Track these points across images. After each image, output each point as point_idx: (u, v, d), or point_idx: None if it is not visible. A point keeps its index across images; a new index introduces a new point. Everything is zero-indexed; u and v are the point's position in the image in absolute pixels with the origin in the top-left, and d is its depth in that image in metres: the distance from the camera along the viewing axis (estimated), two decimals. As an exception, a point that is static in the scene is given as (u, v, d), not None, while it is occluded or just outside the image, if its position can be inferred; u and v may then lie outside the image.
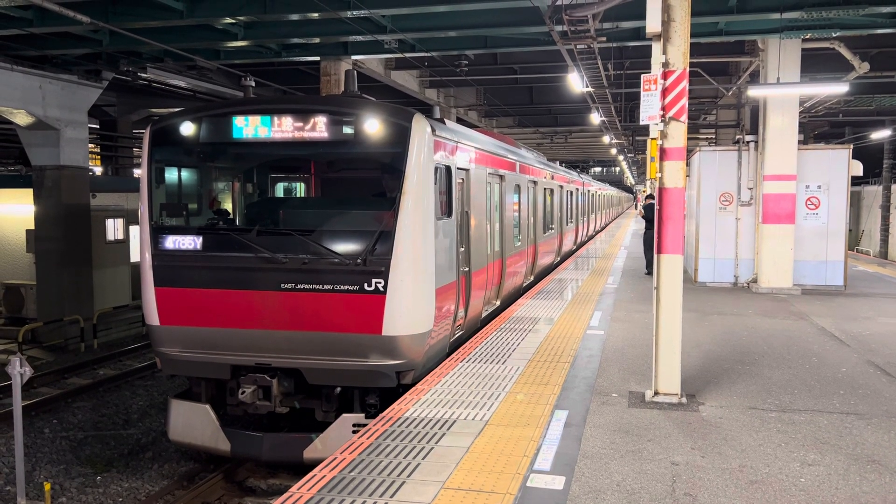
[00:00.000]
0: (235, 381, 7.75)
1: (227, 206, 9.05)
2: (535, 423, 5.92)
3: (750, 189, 14.32)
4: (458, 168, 8.81)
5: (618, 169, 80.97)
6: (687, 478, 4.89)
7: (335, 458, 5.14)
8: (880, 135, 27.73)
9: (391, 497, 4.51)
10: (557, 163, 23.90)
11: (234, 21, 12.78)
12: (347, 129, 7.57)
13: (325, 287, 7.32)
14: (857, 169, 14.19)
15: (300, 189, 10.03)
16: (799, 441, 5.61)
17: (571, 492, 4.65)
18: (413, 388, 6.93)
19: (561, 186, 19.84)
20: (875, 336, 9.62)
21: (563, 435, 5.67)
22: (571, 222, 22.76)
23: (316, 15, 12.02)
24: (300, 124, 7.56)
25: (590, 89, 15.99)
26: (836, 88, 13.69)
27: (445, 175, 8.33)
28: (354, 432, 6.99)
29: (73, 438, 10.60)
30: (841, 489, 4.73)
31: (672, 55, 6.38)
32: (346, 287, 7.27)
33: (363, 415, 7.49)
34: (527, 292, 13.37)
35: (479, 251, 9.87)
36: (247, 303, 7.56)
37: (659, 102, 6.37)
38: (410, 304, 7.34)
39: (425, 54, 15.39)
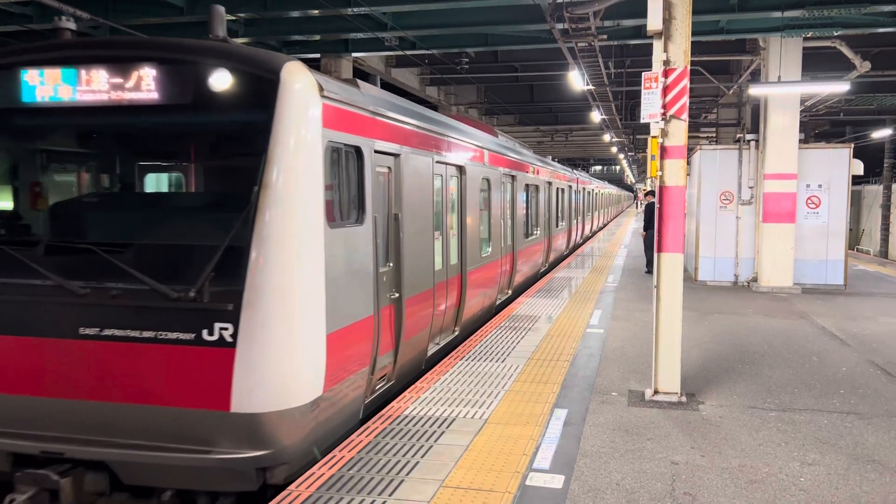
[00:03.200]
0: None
1: (9, 205, 5.92)
2: (534, 421, 5.91)
3: (750, 188, 14.31)
4: (377, 152, 6.31)
5: (618, 167, 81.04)
6: (686, 477, 4.88)
7: (334, 457, 5.13)
8: (881, 134, 27.73)
9: (390, 495, 4.50)
10: (550, 158, 23.02)
11: (234, 18, 12.77)
12: (184, 85, 4.99)
13: (145, 334, 4.79)
14: (858, 168, 14.19)
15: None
16: (799, 441, 5.60)
17: (571, 491, 4.63)
18: (412, 387, 6.91)
19: (549, 183, 17.51)
20: (875, 335, 9.60)
21: (562, 434, 5.66)
22: (562, 223, 20.38)
23: (316, 12, 12.00)
24: (119, 80, 4.99)
25: (590, 87, 15.99)
26: (837, 87, 13.68)
27: (354, 160, 5.86)
28: None
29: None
30: (841, 489, 4.72)
31: (673, 53, 6.36)
32: (174, 335, 4.76)
33: None
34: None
35: (419, 268, 7.43)
36: (30, 356, 5.00)
37: (660, 100, 6.36)
38: (279, 362, 4.79)
39: (426, 52, 15.38)
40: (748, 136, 14.41)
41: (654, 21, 6.39)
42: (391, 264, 6.77)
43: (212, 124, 5.31)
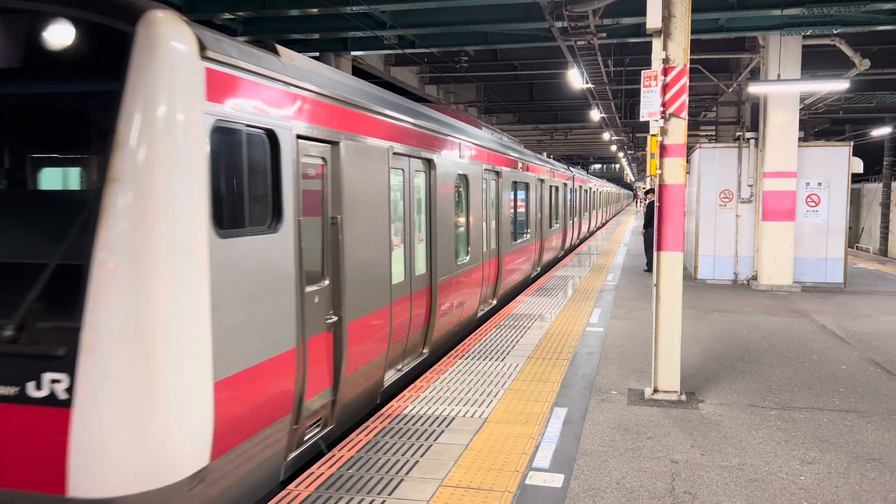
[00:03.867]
0: None
1: None
2: (534, 420, 5.90)
3: (750, 186, 14.31)
4: (303, 138, 5.04)
5: (618, 166, 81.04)
6: (686, 476, 4.87)
7: (333, 456, 5.12)
8: (881, 132, 27.71)
9: (389, 495, 4.49)
10: (545, 154, 22.45)
11: (233, 17, 12.75)
12: (10, 42, 3.78)
13: None
14: (858, 166, 14.19)
15: None
16: (799, 439, 5.60)
17: (570, 490, 4.63)
18: (412, 386, 6.91)
19: (542, 180, 16.40)
20: (875, 334, 9.60)
21: (562, 433, 5.65)
22: (557, 224, 19.25)
23: (315, 10, 11.98)
24: None
25: (590, 86, 15.97)
26: (837, 85, 13.65)
27: (264, 148, 4.58)
28: None
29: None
30: (841, 487, 4.71)
31: (672, 51, 6.35)
32: None
33: None
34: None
35: (369, 283, 6.16)
36: None
37: (659, 99, 6.35)
38: (137, 426, 3.53)
39: (425, 50, 15.37)
40: (748, 135, 14.41)
41: (653, 19, 6.38)
42: (327, 281, 5.49)
43: (42, 96, 3.86)
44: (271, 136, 4.60)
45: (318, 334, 5.29)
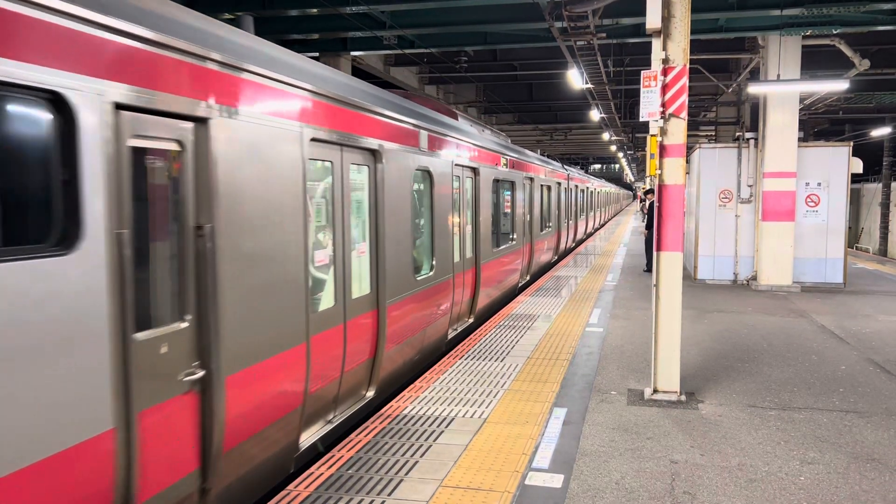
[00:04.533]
0: None
1: None
2: (533, 420, 5.90)
3: (750, 186, 14.32)
4: (132, 109, 3.41)
5: (617, 166, 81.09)
6: (686, 476, 4.87)
7: (333, 456, 5.12)
8: (880, 132, 27.72)
9: (388, 495, 4.49)
10: (539, 152, 22.02)
11: (233, 17, 12.75)
12: None
13: None
14: (857, 166, 14.20)
15: None
16: (798, 439, 5.60)
17: (570, 490, 4.63)
18: (411, 386, 6.90)
19: (531, 179, 14.96)
20: (875, 334, 9.60)
21: (561, 433, 5.65)
22: (550, 227, 18.04)
23: (315, 10, 12.00)
24: None
25: (589, 86, 15.97)
26: (837, 86, 13.65)
27: (48, 121, 2.99)
28: None
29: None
30: (841, 488, 4.71)
31: (672, 51, 6.35)
32: None
33: None
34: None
35: (268, 315, 4.56)
36: None
37: (659, 99, 6.35)
38: None
39: (425, 50, 15.38)
40: (747, 135, 14.43)
41: (653, 19, 6.38)
42: (187, 320, 3.88)
43: None
44: (58, 103, 2.98)
45: (165, 400, 3.68)
